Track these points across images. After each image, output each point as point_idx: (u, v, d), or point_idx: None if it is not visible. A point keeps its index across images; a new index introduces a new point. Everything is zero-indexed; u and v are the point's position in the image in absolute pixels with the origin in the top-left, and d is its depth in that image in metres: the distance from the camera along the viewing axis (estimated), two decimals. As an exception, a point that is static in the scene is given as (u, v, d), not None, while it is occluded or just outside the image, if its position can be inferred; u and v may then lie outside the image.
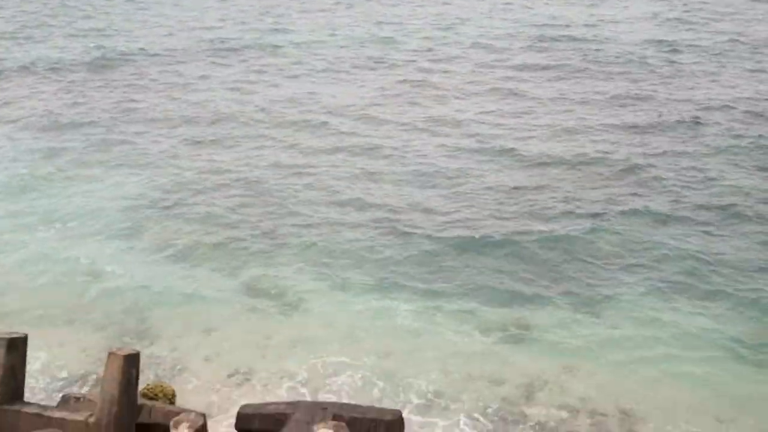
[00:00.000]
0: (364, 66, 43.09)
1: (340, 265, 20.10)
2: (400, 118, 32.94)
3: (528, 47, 46.44)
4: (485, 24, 55.10)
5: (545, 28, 52.34)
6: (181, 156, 28.76)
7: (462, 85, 38.16)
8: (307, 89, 38.03)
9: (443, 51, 46.30)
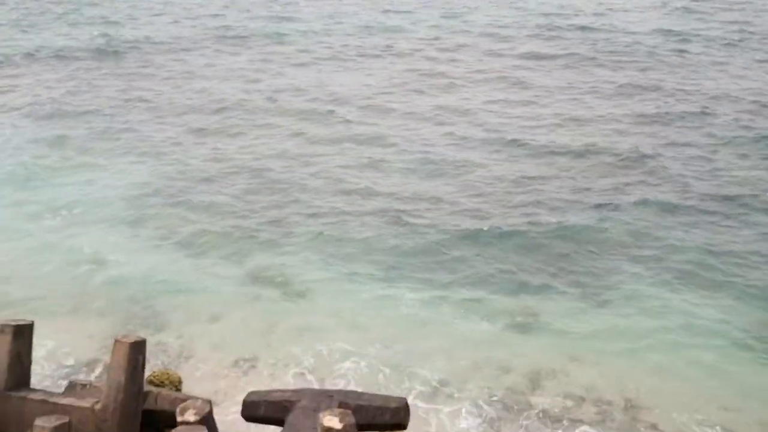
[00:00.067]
0: (370, 54, 42.97)
1: (346, 254, 20.08)
2: (407, 106, 32.84)
3: (536, 36, 46.26)
4: (493, 13, 54.90)
5: (553, 17, 52.15)
6: (186, 144, 28.70)
7: (469, 74, 38.03)
8: (313, 78, 37.92)
9: (451, 39, 46.15)
